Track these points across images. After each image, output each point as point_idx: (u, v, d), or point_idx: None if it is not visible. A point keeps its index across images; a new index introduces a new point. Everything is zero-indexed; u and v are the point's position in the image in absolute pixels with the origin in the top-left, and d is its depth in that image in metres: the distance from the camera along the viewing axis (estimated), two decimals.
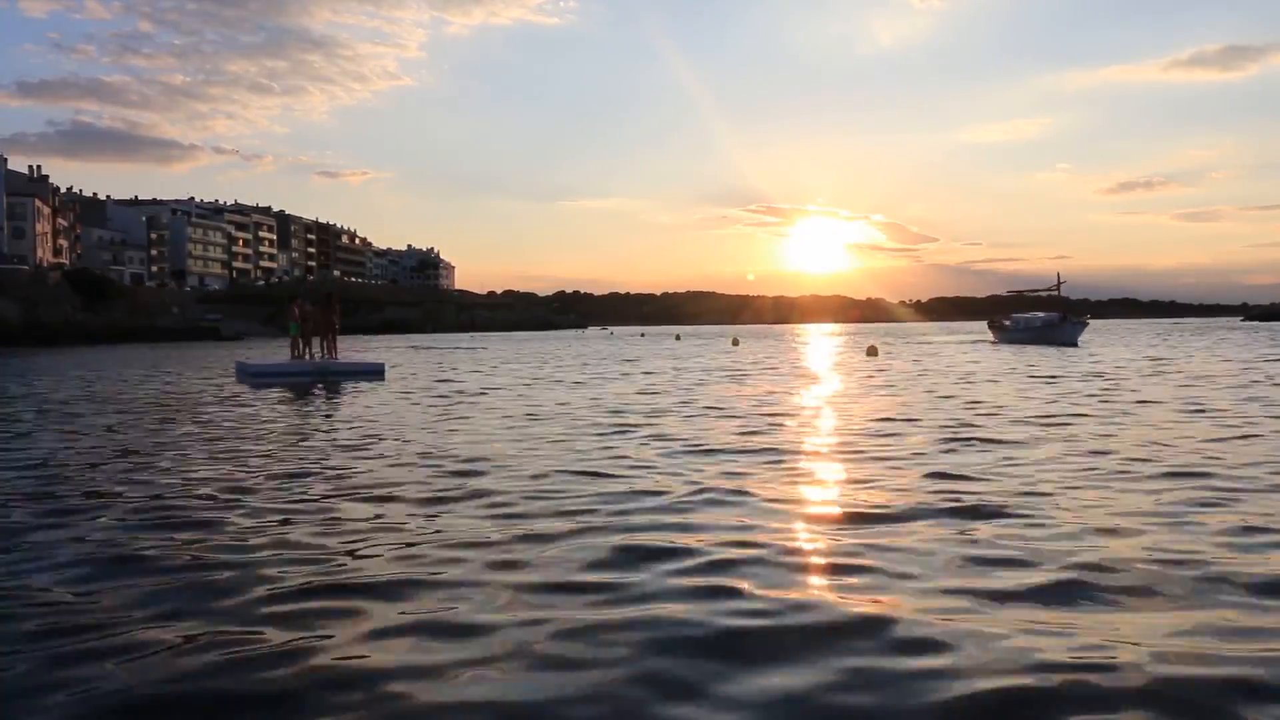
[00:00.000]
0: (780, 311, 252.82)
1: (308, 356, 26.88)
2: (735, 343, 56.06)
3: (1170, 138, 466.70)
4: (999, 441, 10.19)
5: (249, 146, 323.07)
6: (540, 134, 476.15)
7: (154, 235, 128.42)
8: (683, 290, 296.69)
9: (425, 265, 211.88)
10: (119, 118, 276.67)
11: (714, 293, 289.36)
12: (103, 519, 6.62)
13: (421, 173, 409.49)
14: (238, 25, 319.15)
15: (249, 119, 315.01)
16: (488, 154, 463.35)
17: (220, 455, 9.82)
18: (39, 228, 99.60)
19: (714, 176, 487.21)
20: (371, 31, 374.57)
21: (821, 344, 56.04)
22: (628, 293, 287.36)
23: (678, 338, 78.62)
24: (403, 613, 4.44)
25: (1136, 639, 3.98)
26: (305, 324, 27.13)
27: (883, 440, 10.47)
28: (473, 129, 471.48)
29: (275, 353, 37.96)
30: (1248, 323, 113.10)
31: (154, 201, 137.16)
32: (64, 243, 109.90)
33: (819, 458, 9.38)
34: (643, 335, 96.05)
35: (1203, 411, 13.16)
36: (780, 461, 9.02)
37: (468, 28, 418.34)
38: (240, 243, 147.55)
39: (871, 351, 37.62)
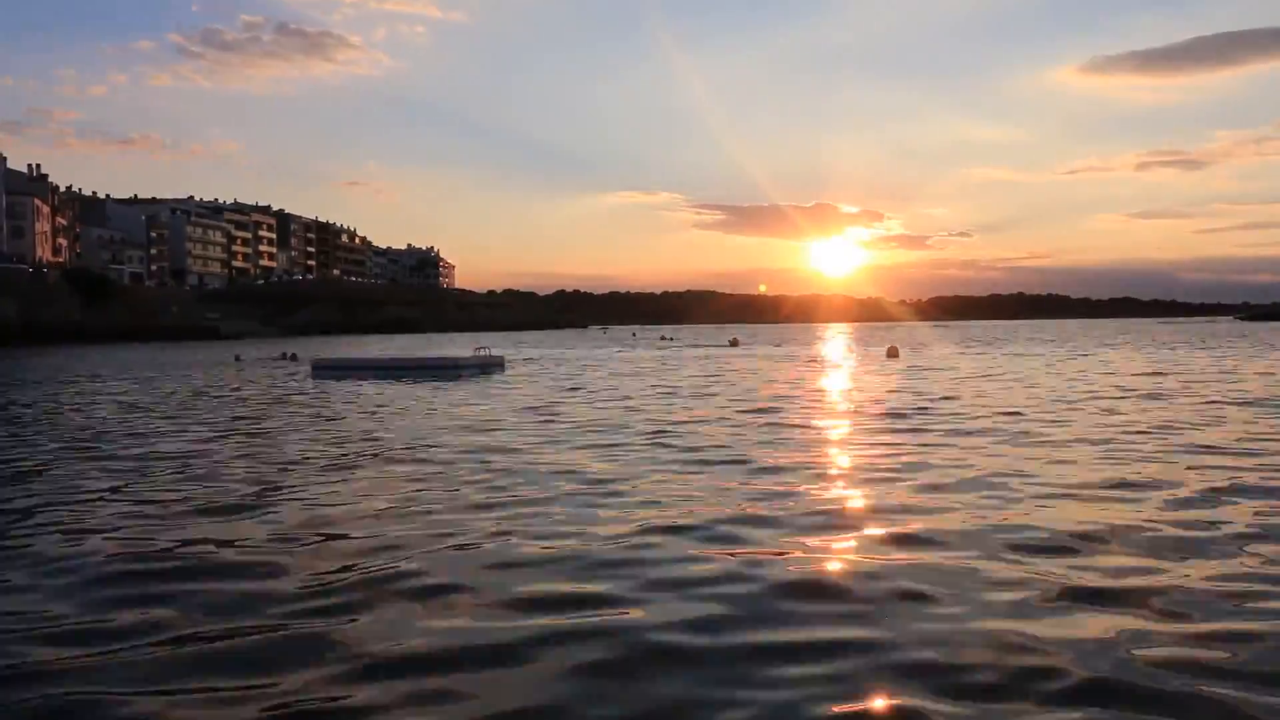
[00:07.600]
0: (782, 312, 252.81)
1: None
2: (765, 344, 56.30)
3: (1171, 135, 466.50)
4: None
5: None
6: (541, 129, 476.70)
7: (153, 234, 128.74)
8: (683, 290, 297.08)
9: (425, 264, 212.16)
10: None
11: (715, 292, 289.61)
12: None
13: (417, 164, 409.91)
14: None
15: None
16: (488, 149, 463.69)
17: None
18: (38, 227, 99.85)
19: (713, 175, 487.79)
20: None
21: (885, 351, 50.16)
22: (628, 292, 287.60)
23: (672, 338, 79.30)
24: None
25: None
26: None
27: None
28: (474, 121, 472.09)
29: (277, 351, 37.98)
30: (1243, 322, 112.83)
31: (153, 200, 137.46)
32: (63, 241, 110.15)
33: None
34: (634, 335, 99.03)
35: None
36: None
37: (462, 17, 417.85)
38: (240, 242, 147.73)
39: (892, 353, 39.05)
